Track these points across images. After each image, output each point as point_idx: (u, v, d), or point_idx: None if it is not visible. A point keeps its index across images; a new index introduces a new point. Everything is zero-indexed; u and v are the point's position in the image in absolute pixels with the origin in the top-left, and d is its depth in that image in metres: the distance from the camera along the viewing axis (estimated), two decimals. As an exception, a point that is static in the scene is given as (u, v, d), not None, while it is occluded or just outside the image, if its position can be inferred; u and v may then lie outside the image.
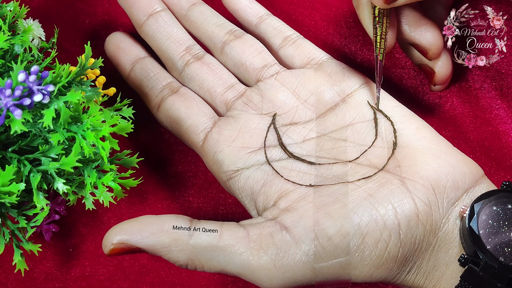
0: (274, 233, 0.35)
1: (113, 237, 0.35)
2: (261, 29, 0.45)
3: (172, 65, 0.44)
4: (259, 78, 0.43)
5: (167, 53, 0.44)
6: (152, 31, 0.45)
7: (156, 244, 0.35)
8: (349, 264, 0.35)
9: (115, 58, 0.45)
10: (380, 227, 0.35)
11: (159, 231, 0.35)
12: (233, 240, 0.35)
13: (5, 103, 0.31)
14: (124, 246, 0.35)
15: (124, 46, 0.45)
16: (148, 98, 0.43)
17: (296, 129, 0.41)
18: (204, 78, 0.43)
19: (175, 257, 0.35)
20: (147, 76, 0.44)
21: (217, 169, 0.40)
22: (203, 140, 0.41)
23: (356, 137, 0.40)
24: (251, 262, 0.35)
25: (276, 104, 0.41)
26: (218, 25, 0.45)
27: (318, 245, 0.34)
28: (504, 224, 0.34)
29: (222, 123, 0.41)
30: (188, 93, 0.43)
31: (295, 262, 0.34)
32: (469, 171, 0.37)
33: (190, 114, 0.41)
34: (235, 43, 0.44)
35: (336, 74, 0.42)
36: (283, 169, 0.39)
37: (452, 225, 0.35)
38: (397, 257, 0.35)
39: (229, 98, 0.42)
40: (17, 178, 0.34)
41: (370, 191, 0.36)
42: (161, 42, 0.44)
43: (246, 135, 0.40)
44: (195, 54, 0.44)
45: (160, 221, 0.35)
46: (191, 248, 0.35)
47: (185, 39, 0.45)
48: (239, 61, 0.43)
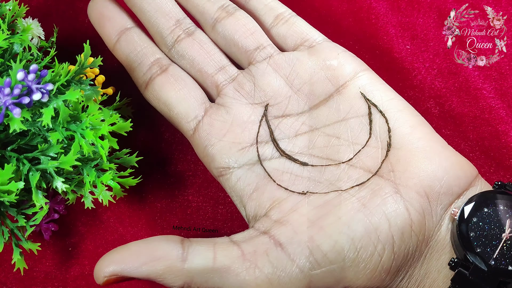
0: (269, 250, 0.35)
1: (105, 269, 0.34)
2: (251, 6, 0.43)
3: (161, 40, 0.42)
4: (251, 60, 0.41)
5: (156, 26, 0.42)
6: (140, 2, 0.42)
7: (150, 274, 0.34)
8: (344, 278, 0.34)
9: (99, 27, 0.42)
10: (374, 241, 0.34)
11: (152, 260, 0.34)
12: (228, 260, 0.34)
13: (4, 102, 0.31)
14: (116, 278, 0.34)
15: (108, 13, 0.42)
16: (135, 75, 0.41)
17: (289, 122, 0.39)
18: (195, 57, 0.41)
19: (170, 283, 0.34)
20: (133, 50, 0.41)
21: (208, 163, 0.39)
22: (194, 129, 0.39)
23: (349, 134, 0.38)
24: (247, 281, 0.34)
25: (269, 93, 0.40)
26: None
27: (313, 262, 0.34)
28: (495, 226, 0.34)
29: (214, 113, 0.39)
30: (178, 73, 0.41)
31: (291, 279, 0.34)
32: (463, 175, 0.36)
33: (180, 99, 0.40)
34: (227, 21, 0.42)
35: (331, 59, 0.40)
36: (275, 171, 0.38)
37: (444, 231, 0.35)
38: (390, 268, 0.35)
39: (220, 81, 0.40)
40: (16, 177, 0.34)
41: (364, 201, 0.35)
42: (149, 14, 0.42)
43: (238, 129, 0.39)
44: (186, 29, 0.42)
45: (151, 249, 0.34)
46: (186, 273, 0.34)
47: (175, 12, 0.42)
48: (231, 40, 0.41)
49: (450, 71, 0.46)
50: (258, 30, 0.42)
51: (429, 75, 0.46)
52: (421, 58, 0.47)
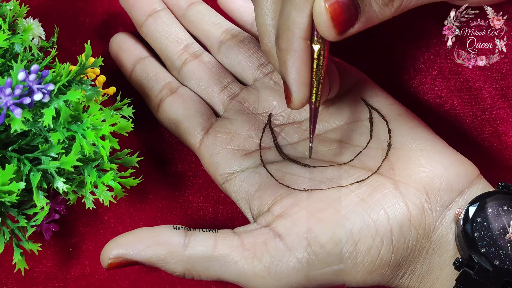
0: (268, 241, 0.35)
1: (110, 251, 0.35)
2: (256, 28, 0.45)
3: (171, 64, 0.44)
4: (255, 77, 0.43)
5: (166, 52, 0.45)
6: (151, 31, 0.45)
7: (152, 257, 0.35)
8: (342, 271, 0.35)
9: (118, 59, 0.45)
10: (372, 233, 0.34)
11: (154, 244, 0.35)
12: (228, 249, 0.35)
13: (5, 102, 0.31)
14: (121, 260, 0.35)
15: (126, 46, 0.45)
16: (148, 99, 0.44)
17: (292, 129, 0.41)
18: (201, 77, 0.43)
19: (171, 268, 0.35)
20: (147, 76, 0.44)
21: (213, 171, 0.40)
22: (200, 142, 0.41)
23: (350, 137, 0.39)
24: (246, 270, 0.35)
25: (272, 103, 0.42)
26: (215, 24, 0.45)
27: (311, 253, 0.34)
28: (500, 227, 0.34)
29: (218, 125, 0.41)
30: (186, 93, 0.43)
31: (289, 269, 0.35)
32: (463, 173, 0.36)
33: (188, 116, 0.42)
34: (231, 42, 0.44)
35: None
36: (277, 172, 0.39)
37: (446, 228, 0.35)
38: (390, 262, 0.35)
39: (225, 97, 0.43)
40: (17, 177, 0.34)
41: (363, 196, 0.36)
42: (160, 41, 0.45)
43: (242, 137, 0.40)
44: (193, 52, 0.44)
45: (155, 234, 0.36)
46: (186, 259, 0.35)
47: (184, 38, 0.45)
48: (235, 60, 0.44)
49: (451, 71, 0.46)
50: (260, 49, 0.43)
51: (430, 75, 0.46)
52: (421, 59, 0.47)
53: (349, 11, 0.32)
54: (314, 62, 0.34)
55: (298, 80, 0.34)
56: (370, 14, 0.33)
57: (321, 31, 0.33)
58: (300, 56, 0.34)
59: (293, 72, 0.34)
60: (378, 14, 0.33)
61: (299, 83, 0.35)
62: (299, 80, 0.34)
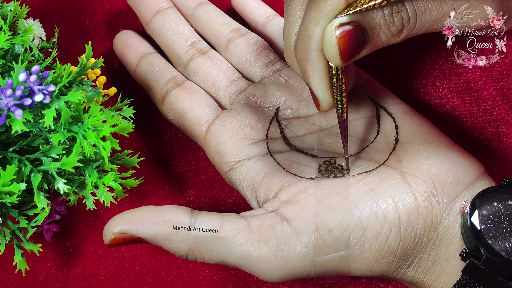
0: (275, 224, 0.35)
1: (114, 227, 0.35)
2: (267, 29, 0.46)
3: (177, 60, 0.45)
4: (263, 74, 0.43)
5: (173, 48, 0.45)
6: (159, 27, 0.45)
7: (157, 234, 0.35)
8: (349, 257, 0.35)
9: (122, 55, 0.45)
10: (381, 220, 0.35)
11: (160, 221, 0.35)
12: (234, 231, 0.35)
13: (6, 103, 0.31)
14: (124, 236, 0.35)
15: (131, 42, 0.45)
16: (152, 92, 0.44)
17: (299, 122, 0.41)
18: (208, 72, 0.43)
19: (175, 247, 0.35)
20: (152, 70, 0.44)
21: (218, 160, 0.40)
22: (205, 131, 0.41)
23: (358, 132, 0.40)
24: (251, 253, 0.35)
25: (279, 98, 0.42)
26: (223, 24, 0.45)
27: (319, 237, 0.34)
28: (505, 220, 0.35)
29: (225, 115, 0.41)
30: (192, 86, 0.43)
31: (295, 253, 0.35)
32: (470, 167, 0.37)
33: (194, 106, 0.42)
34: (239, 41, 0.44)
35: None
36: (284, 161, 0.39)
37: (452, 221, 0.35)
38: (397, 250, 0.35)
39: (232, 92, 0.43)
40: (18, 178, 0.34)
41: (371, 185, 0.36)
42: (167, 38, 0.45)
43: (249, 127, 0.40)
44: (200, 49, 0.44)
45: (161, 211, 0.35)
46: (192, 239, 0.35)
47: (191, 35, 0.45)
48: (244, 57, 0.44)
49: (451, 72, 0.46)
50: (269, 48, 0.44)
51: (430, 76, 0.46)
52: (422, 59, 0.47)
53: (358, 41, 0.33)
54: (334, 78, 0.35)
55: (321, 86, 0.36)
56: (377, 42, 0.34)
57: (328, 57, 0.33)
58: (319, 66, 0.35)
59: (315, 79, 0.35)
60: (385, 42, 0.34)
61: (323, 89, 0.36)
62: (322, 86, 0.36)
